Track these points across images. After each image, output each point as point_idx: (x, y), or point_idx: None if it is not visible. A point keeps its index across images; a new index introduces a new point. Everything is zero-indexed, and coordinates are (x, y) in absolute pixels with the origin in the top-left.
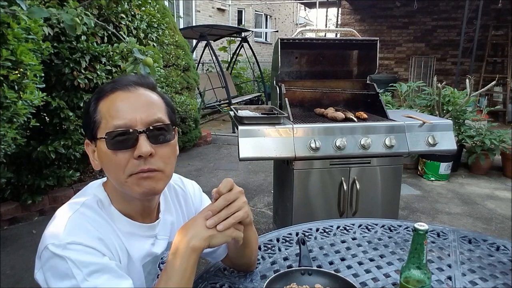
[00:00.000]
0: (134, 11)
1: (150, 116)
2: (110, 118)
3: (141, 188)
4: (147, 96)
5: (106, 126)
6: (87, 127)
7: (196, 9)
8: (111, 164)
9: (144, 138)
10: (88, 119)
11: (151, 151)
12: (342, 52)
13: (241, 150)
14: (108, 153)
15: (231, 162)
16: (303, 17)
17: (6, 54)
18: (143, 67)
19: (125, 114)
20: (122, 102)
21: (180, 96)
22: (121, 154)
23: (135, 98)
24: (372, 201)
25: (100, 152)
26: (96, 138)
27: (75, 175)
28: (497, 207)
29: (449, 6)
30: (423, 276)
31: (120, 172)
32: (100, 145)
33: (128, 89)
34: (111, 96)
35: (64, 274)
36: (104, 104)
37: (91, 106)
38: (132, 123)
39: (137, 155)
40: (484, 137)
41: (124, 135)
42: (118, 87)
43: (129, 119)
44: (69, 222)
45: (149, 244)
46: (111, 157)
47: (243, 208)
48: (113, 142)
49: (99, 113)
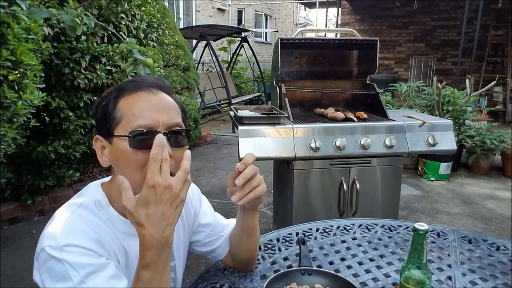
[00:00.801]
0: (134, 11)
1: (171, 120)
2: (133, 117)
3: None
4: (167, 100)
5: (128, 125)
6: (102, 123)
7: (196, 9)
8: (129, 162)
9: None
10: (106, 115)
11: (171, 154)
12: (342, 52)
13: (241, 150)
14: (128, 152)
15: (231, 162)
16: (303, 17)
17: (6, 54)
18: (143, 67)
19: (149, 114)
20: (145, 103)
21: (180, 96)
22: (141, 154)
23: (158, 100)
24: (372, 201)
25: (116, 150)
26: (112, 135)
27: (75, 175)
28: (497, 207)
29: (449, 6)
30: (423, 276)
31: (138, 172)
32: (118, 142)
33: (150, 91)
34: (133, 95)
35: (61, 276)
36: (126, 102)
37: (111, 103)
38: (155, 124)
39: None
40: (484, 137)
41: (148, 135)
42: (141, 87)
43: (153, 120)
44: (66, 224)
45: None
46: (131, 156)
47: (262, 184)
48: (135, 141)
49: (120, 110)
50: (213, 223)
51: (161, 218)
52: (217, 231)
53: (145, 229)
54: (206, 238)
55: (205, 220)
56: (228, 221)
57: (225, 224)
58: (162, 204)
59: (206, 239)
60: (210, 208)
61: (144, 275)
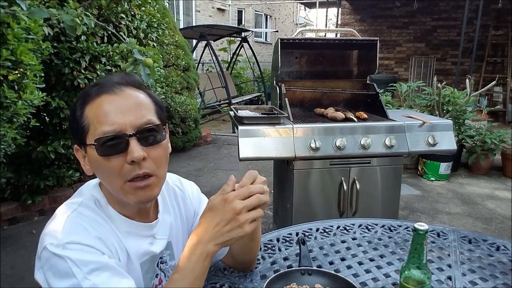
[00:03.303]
0: (134, 11)
1: (139, 119)
2: (98, 123)
3: (137, 197)
4: (134, 97)
5: (95, 133)
6: (75, 133)
7: (196, 9)
8: (105, 170)
9: (135, 141)
10: (76, 124)
11: (143, 155)
12: (342, 52)
13: (241, 150)
14: (100, 160)
15: (231, 162)
16: (303, 17)
17: (6, 54)
18: (143, 67)
19: (113, 118)
20: (109, 106)
21: (180, 96)
22: (114, 160)
23: (122, 100)
24: (372, 201)
25: (91, 159)
26: (85, 144)
27: (75, 175)
28: (497, 207)
29: (449, 6)
30: (423, 276)
31: (116, 178)
32: (90, 151)
33: (113, 92)
34: (97, 100)
35: (64, 273)
36: (91, 109)
37: (77, 111)
38: (121, 127)
39: (130, 160)
40: (484, 137)
41: (114, 140)
42: (103, 90)
43: (118, 123)
44: (67, 222)
45: (147, 243)
46: (104, 164)
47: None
48: (104, 148)
49: (86, 118)
50: None
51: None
52: None
53: (199, 224)
54: None
55: None
56: None
57: None
58: (223, 220)
59: None
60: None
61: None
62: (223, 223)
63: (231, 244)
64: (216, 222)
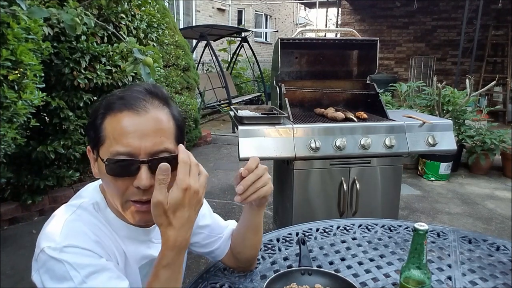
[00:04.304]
0: (134, 11)
1: (156, 146)
2: (114, 141)
3: (135, 219)
4: (156, 121)
5: (109, 150)
6: (91, 138)
7: (196, 9)
8: (110, 186)
9: (146, 169)
10: (93, 131)
11: (151, 184)
12: (342, 52)
13: (241, 150)
14: (108, 177)
15: (231, 162)
16: (303, 17)
17: (6, 54)
18: (143, 67)
19: (130, 140)
20: (128, 126)
21: (180, 96)
22: (121, 181)
23: (143, 122)
24: (372, 201)
25: (100, 170)
26: (98, 155)
27: (75, 175)
28: (497, 207)
29: (449, 6)
30: (423, 276)
31: (118, 196)
32: (100, 163)
33: (137, 111)
34: (118, 115)
35: (61, 277)
36: (110, 122)
37: (98, 119)
38: (135, 152)
39: (136, 185)
40: (484, 137)
41: (125, 162)
42: (127, 106)
43: (133, 147)
44: (65, 225)
45: (145, 247)
46: (111, 181)
47: (268, 184)
48: (114, 168)
49: (104, 130)
50: (212, 224)
51: (187, 221)
52: (215, 233)
53: (174, 230)
54: (205, 240)
55: (204, 222)
56: (227, 223)
57: (223, 225)
58: (190, 208)
59: (205, 241)
60: (209, 209)
61: (163, 274)
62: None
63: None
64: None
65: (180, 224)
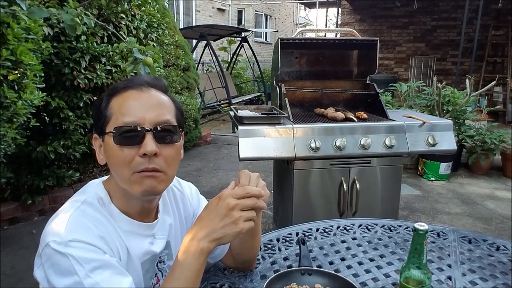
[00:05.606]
0: (134, 11)
1: (159, 117)
2: (120, 114)
3: (143, 186)
4: (158, 97)
5: (116, 122)
6: (97, 121)
7: (196, 9)
8: (117, 159)
9: (151, 137)
10: (99, 113)
11: (156, 150)
12: (342, 52)
13: (241, 150)
14: (115, 148)
15: (231, 162)
16: (303, 17)
17: (6, 54)
18: (143, 67)
19: (135, 112)
20: (133, 101)
21: (180, 96)
22: (127, 150)
23: (147, 98)
24: (372, 201)
25: (107, 147)
26: (104, 133)
27: (74, 175)
28: (497, 207)
29: (449, 6)
30: (423, 276)
31: (125, 168)
32: (107, 139)
33: (141, 89)
34: (123, 93)
35: (66, 270)
36: (116, 101)
37: (103, 102)
38: (140, 121)
39: (142, 152)
40: (484, 137)
41: (132, 132)
42: (131, 86)
43: (139, 117)
44: (70, 220)
45: (148, 242)
46: (117, 152)
47: (264, 190)
48: (120, 138)
49: (111, 109)
50: None
51: (205, 224)
52: None
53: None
54: None
55: None
56: None
57: None
58: (217, 216)
59: None
60: None
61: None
62: (217, 219)
63: (227, 241)
64: (211, 218)
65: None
